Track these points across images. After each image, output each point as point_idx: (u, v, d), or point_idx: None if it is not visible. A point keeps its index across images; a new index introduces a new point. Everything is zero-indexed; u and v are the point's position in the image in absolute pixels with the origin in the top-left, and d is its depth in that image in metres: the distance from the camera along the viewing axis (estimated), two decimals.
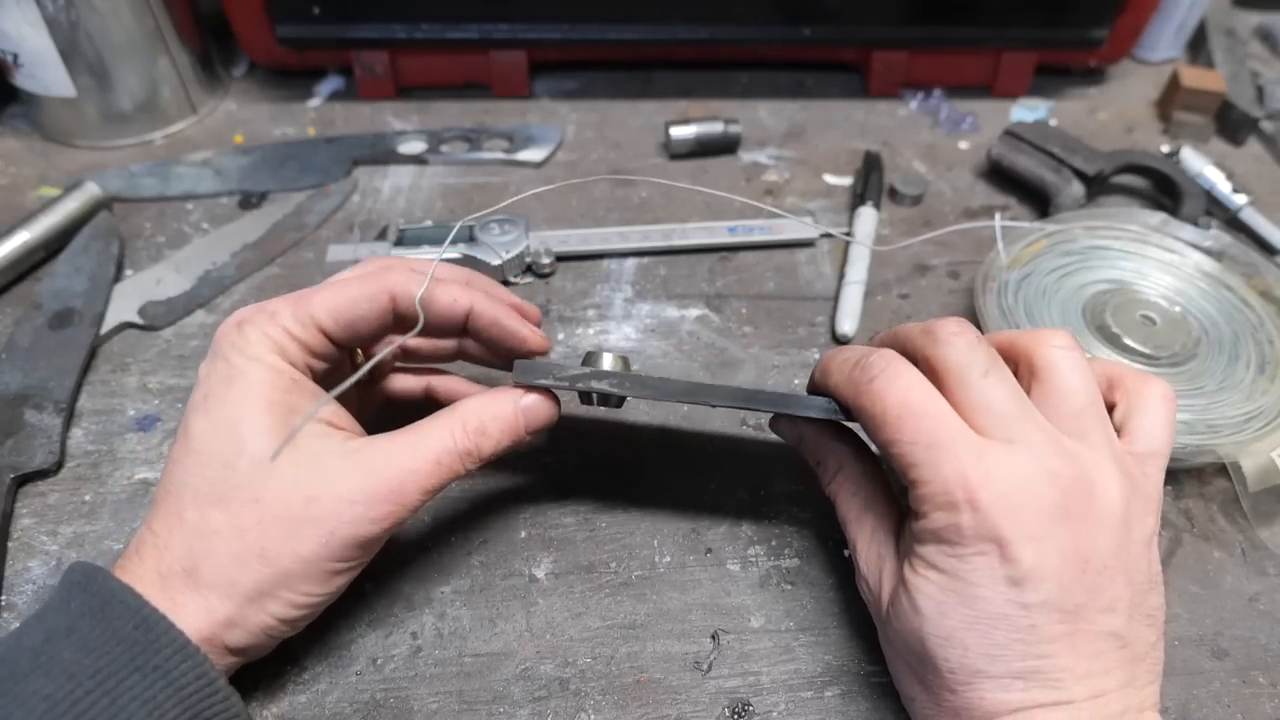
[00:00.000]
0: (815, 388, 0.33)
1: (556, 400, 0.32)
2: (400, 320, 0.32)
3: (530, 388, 0.31)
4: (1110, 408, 0.30)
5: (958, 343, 0.29)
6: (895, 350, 0.31)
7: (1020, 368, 0.30)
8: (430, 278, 0.31)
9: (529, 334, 0.33)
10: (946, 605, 0.26)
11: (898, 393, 0.28)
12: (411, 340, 0.33)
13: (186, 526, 0.27)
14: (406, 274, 0.32)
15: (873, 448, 0.33)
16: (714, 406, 0.33)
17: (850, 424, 0.35)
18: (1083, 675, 0.26)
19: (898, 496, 0.32)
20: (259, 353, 0.29)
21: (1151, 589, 0.28)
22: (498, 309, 0.33)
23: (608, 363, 0.32)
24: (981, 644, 0.26)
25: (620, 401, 0.34)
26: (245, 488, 0.27)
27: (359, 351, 0.35)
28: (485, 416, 0.30)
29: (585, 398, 0.34)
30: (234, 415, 0.28)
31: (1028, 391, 0.29)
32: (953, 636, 0.26)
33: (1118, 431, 0.30)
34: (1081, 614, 0.26)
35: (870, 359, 0.29)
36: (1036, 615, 0.25)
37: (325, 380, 0.31)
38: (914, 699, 0.29)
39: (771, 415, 0.36)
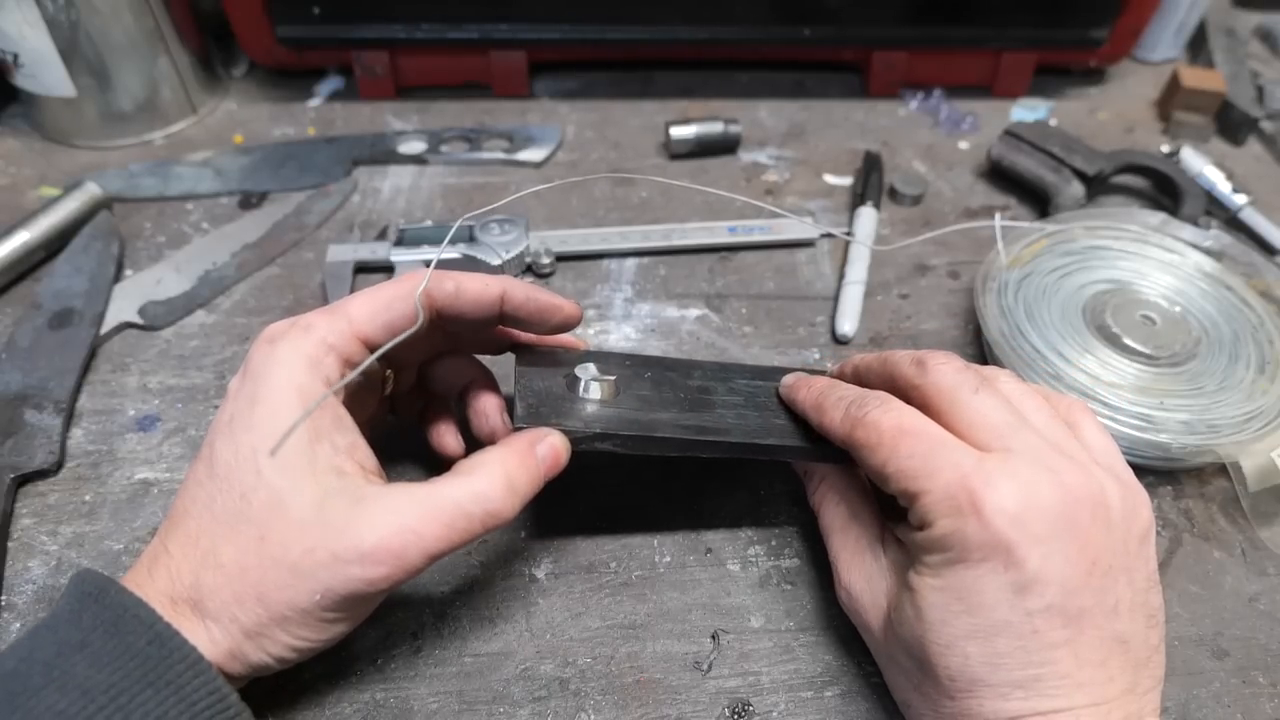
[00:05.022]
0: (789, 402, 0.35)
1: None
2: (438, 324, 0.32)
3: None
4: None
5: (946, 369, 0.30)
6: (885, 380, 0.32)
7: None
8: (430, 274, 0.31)
9: (564, 302, 0.34)
10: (950, 613, 0.26)
11: (892, 419, 0.29)
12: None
13: (198, 554, 0.27)
14: (437, 274, 0.32)
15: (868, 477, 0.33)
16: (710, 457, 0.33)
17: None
18: (1084, 682, 0.26)
19: (879, 509, 0.33)
20: (290, 372, 0.28)
21: (1150, 588, 0.28)
22: (528, 288, 0.34)
23: (594, 391, 0.33)
24: (982, 652, 0.26)
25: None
26: (255, 523, 0.26)
27: (390, 375, 0.35)
28: (510, 466, 0.29)
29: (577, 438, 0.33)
30: (257, 444, 0.27)
31: None
32: (953, 644, 0.26)
33: None
34: (1086, 617, 0.26)
35: (866, 397, 0.30)
36: (1039, 621, 0.25)
37: (353, 408, 0.30)
38: (910, 705, 0.29)
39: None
